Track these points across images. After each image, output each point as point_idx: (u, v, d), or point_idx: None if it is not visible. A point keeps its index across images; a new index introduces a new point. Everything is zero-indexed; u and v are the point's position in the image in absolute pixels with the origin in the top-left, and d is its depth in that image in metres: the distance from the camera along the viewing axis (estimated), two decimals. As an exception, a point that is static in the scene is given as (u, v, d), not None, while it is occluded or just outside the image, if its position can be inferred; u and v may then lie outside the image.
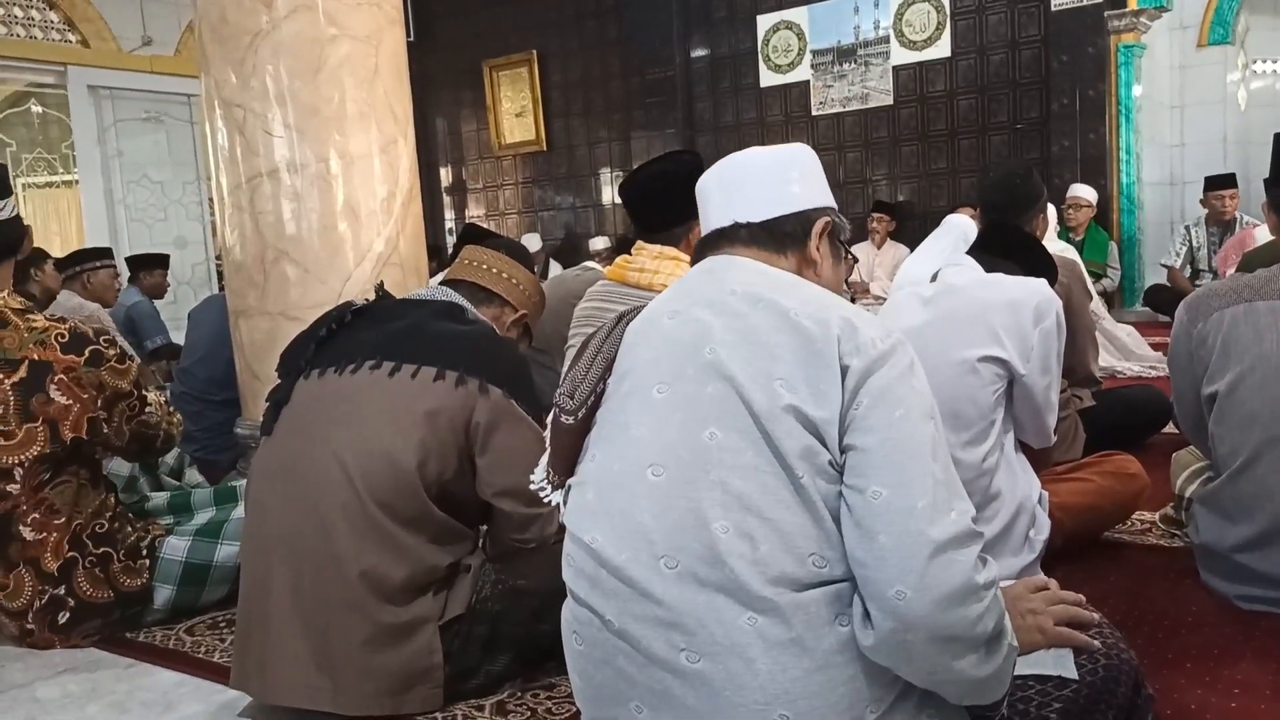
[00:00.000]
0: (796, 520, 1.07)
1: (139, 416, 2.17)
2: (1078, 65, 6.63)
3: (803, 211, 1.31)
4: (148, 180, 7.78)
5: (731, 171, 1.34)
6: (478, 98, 9.26)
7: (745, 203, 1.31)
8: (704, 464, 1.10)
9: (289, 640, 1.61)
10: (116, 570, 2.11)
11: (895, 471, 1.06)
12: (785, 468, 1.08)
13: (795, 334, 1.12)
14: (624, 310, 1.33)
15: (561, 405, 1.24)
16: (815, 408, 1.08)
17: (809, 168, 1.34)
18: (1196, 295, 2.04)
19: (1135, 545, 2.35)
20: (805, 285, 1.22)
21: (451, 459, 1.68)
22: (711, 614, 1.07)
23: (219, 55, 2.99)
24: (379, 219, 3.07)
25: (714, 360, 1.14)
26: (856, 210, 7.34)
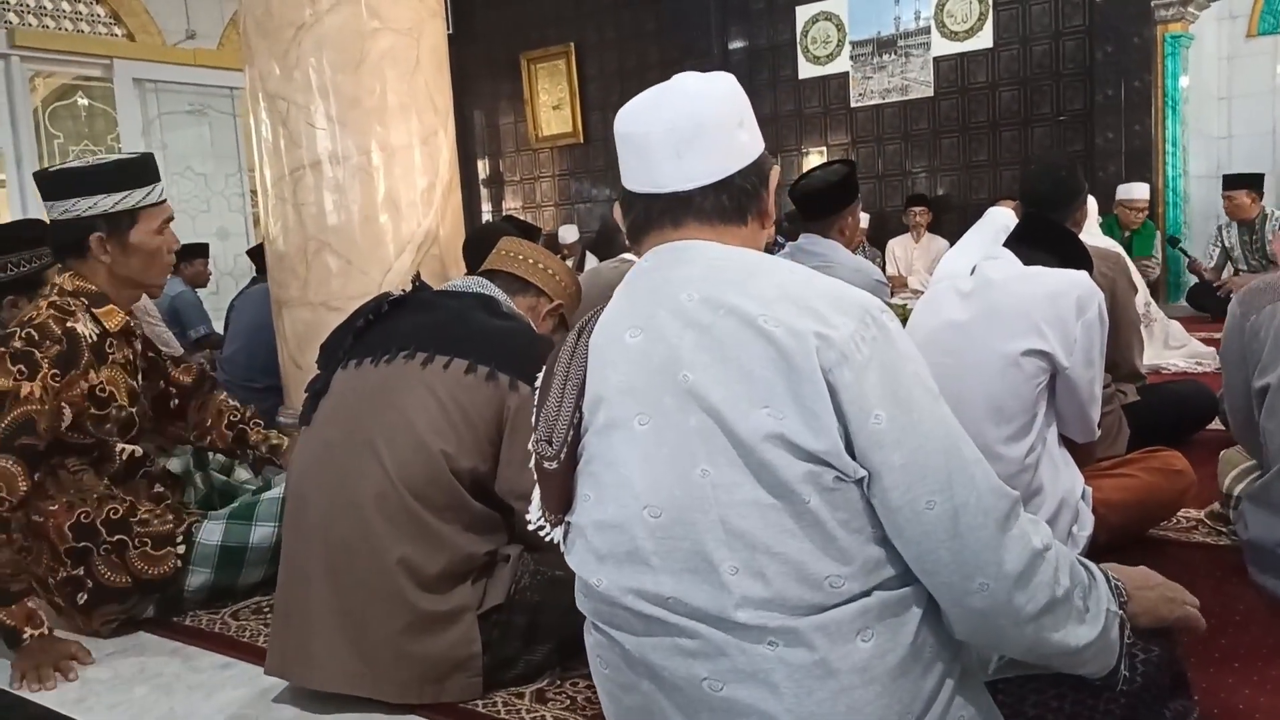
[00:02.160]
0: (805, 547, 1.03)
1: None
2: (1123, 56, 6.52)
3: (756, 160, 1.16)
4: (191, 172, 7.89)
5: (684, 125, 1.14)
6: (515, 90, 9.29)
7: (696, 163, 1.13)
8: (701, 503, 1.05)
9: (329, 627, 1.64)
10: (134, 557, 2.11)
11: (937, 477, 1.02)
12: (785, 495, 1.02)
13: (768, 347, 1.03)
14: (581, 322, 1.22)
15: (541, 453, 1.17)
16: (810, 437, 1.01)
17: (744, 102, 1.18)
18: (1249, 288, 2.00)
19: (1181, 543, 2.32)
20: (764, 272, 1.10)
21: (487, 451, 1.70)
22: (728, 643, 1.05)
23: (263, 48, 3.03)
24: (419, 210, 3.10)
25: (691, 388, 1.06)
26: (895, 203, 7.29)
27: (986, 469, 1.06)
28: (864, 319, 1.04)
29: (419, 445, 1.65)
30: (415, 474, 1.64)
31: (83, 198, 2.09)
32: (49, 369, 1.99)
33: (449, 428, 1.67)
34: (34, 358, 1.98)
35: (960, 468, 1.04)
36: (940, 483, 1.02)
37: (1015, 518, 1.06)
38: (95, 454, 2.13)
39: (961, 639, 1.11)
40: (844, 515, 1.04)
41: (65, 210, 2.10)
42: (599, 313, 1.21)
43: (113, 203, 2.10)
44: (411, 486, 1.64)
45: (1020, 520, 1.06)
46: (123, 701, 1.84)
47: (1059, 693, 1.24)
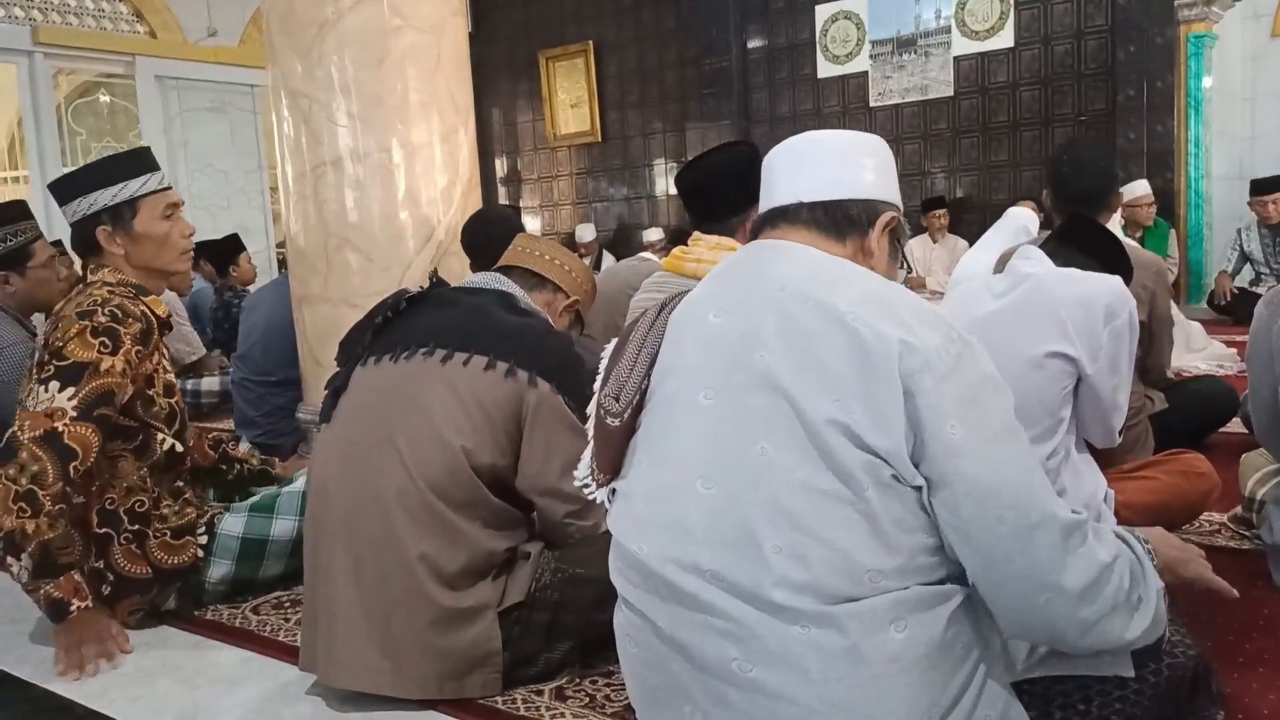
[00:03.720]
0: (853, 537, 1.04)
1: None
2: (1146, 56, 6.48)
3: (871, 200, 1.24)
4: (212, 169, 7.94)
5: (804, 148, 1.27)
6: (533, 88, 9.30)
7: (812, 181, 1.23)
8: (754, 480, 1.07)
9: (351, 624, 1.64)
10: (154, 547, 2.13)
11: (1013, 493, 1.04)
12: (844, 481, 1.04)
13: (850, 342, 1.05)
14: (665, 299, 1.28)
15: (607, 407, 1.20)
16: (876, 434, 1.03)
17: (884, 160, 1.28)
18: (1276, 291, 1.98)
19: (1204, 546, 2.27)
20: (859, 278, 1.15)
21: (506, 447, 1.70)
22: (763, 625, 1.05)
23: (286, 46, 3.05)
24: (439, 207, 3.11)
25: (764, 369, 1.09)
26: (914, 204, 7.25)
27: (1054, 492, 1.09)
28: (950, 335, 1.08)
29: (439, 441, 1.66)
30: (435, 470, 1.65)
31: (84, 196, 2.16)
32: (132, 345, 2.05)
33: (468, 424, 1.67)
34: (118, 333, 2.03)
35: (1032, 489, 1.06)
36: (1013, 500, 1.04)
37: (1084, 536, 1.08)
38: (139, 440, 2.14)
39: (1011, 637, 1.13)
40: (898, 514, 1.05)
41: (74, 212, 2.17)
42: (684, 294, 1.25)
43: (111, 195, 2.15)
44: (432, 483, 1.64)
45: (1089, 538, 1.08)
46: (144, 694, 1.85)
47: (1085, 696, 1.24)
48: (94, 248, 2.18)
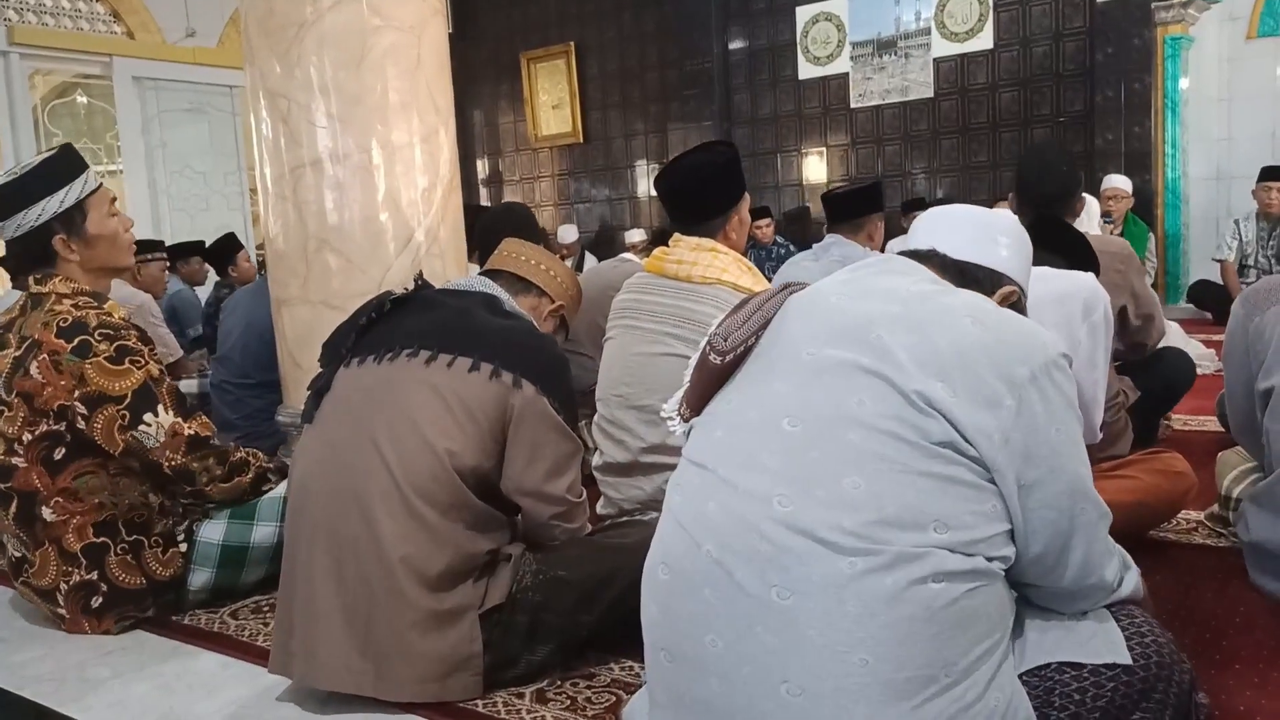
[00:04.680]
0: (928, 492, 1.10)
1: (132, 430, 2.04)
2: (1123, 57, 6.53)
3: (998, 271, 1.35)
4: (190, 170, 7.89)
5: (951, 213, 1.42)
6: (515, 90, 9.29)
7: (951, 238, 1.36)
8: (845, 424, 1.13)
9: (332, 626, 1.63)
10: (148, 557, 2.13)
11: (1084, 490, 1.18)
12: (928, 451, 1.10)
13: (969, 337, 1.14)
14: (787, 281, 1.37)
15: (715, 345, 1.27)
16: (976, 418, 1.10)
17: (1021, 246, 1.41)
18: (1254, 289, 2.01)
19: (1182, 544, 2.31)
20: (977, 296, 1.25)
21: (490, 449, 1.70)
22: (812, 554, 1.08)
23: (264, 46, 3.02)
24: (420, 209, 3.09)
25: (878, 344, 1.15)
26: (894, 204, 7.28)
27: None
28: (1058, 347, 1.18)
29: (422, 443, 1.65)
30: (418, 472, 1.64)
31: (29, 208, 2.08)
32: (146, 348, 2.10)
33: (453, 425, 1.67)
34: (130, 346, 2.07)
35: (1091, 487, 1.20)
36: (1088, 495, 1.19)
37: (1113, 554, 1.28)
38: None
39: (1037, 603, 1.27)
40: (979, 493, 1.12)
41: (20, 225, 2.09)
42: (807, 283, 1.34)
43: (58, 202, 2.10)
44: (415, 484, 1.63)
45: (1115, 555, 1.29)
46: (122, 700, 1.83)
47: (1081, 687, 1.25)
48: (45, 258, 2.12)
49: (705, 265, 2.32)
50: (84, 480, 2.08)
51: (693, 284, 2.32)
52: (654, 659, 1.23)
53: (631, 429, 2.39)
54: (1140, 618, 1.31)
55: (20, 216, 2.08)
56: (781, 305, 1.29)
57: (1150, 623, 1.31)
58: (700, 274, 2.32)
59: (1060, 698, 1.22)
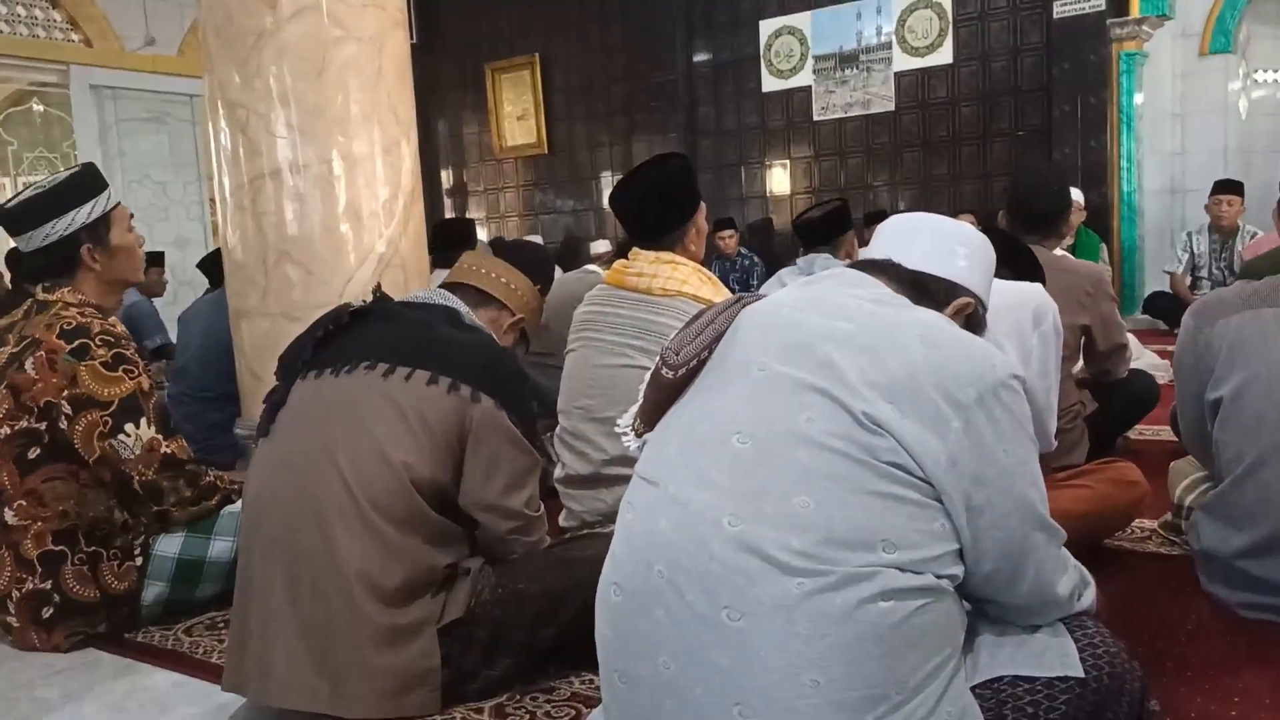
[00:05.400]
0: (877, 511, 1.09)
1: (111, 438, 2.06)
2: (1080, 73, 6.65)
3: (955, 283, 1.34)
4: (149, 180, 7.79)
5: (912, 223, 1.41)
6: (479, 100, 9.27)
7: (907, 249, 1.35)
8: (794, 442, 1.12)
9: (287, 642, 1.61)
10: (104, 570, 2.11)
11: (1034, 510, 1.18)
12: (876, 470, 1.10)
13: (919, 357, 1.13)
14: (743, 294, 1.37)
15: (666, 359, 1.26)
16: (923, 447, 1.10)
17: (981, 256, 1.40)
18: (1204, 301, 2.04)
19: (1136, 553, 2.35)
20: (931, 313, 1.26)
21: (446, 463, 1.69)
22: (762, 574, 1.08)
23: (223, 55, 3.00)
24: (381, 220, 3.08)
25: (829, 360, 1.14)
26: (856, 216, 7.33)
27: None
28: (1008, 368, 1.17)
29: (380, 456, 1.64)
30: (375, 485, 1.63)
31: (59, 218, 2.16)
32: (141, 360, 2.15)
33: (410, 439, 1.66)
34: (127, 356, 2.12)
35: (1045, 503, 1.21)
36: (1038, 518, 1.19)
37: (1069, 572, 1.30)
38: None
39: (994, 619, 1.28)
40: (927, 512, 1.11)
41: (48, 235, 2.16)
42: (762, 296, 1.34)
43: (86, 214, 2.19)
44: (371, 498, 1.62)
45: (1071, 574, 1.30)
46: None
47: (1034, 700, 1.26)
48: (68, 269, 2.19)
49: (665, 277, 2.33)
50: (52, 485, 2.07)
51: (653, 296, 2.32)
52: (608, 680, 1.23)
53: (593, 441, 2.39)
54: (1093, 628, 1.31)
55: (50, 226, 2.16)
56: (734, 319, 1.28)
57: (1103, 633, 1.32)
58: (660, 286, 2.33)
59: (1013, 711, 1.22)
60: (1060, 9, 6.63)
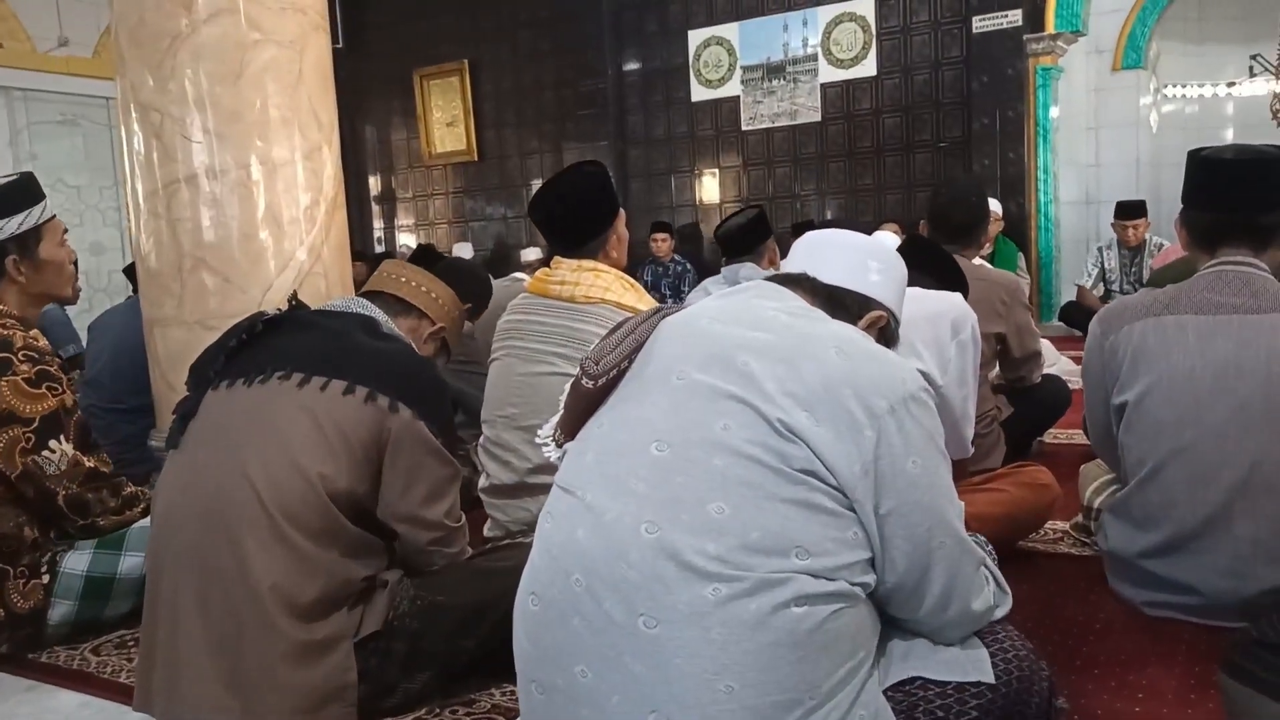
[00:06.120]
0: (791, 518, 1.10)
1: (33, 455, 2.03)
2: (998, 86, 6.82)
3: (868, 297, 1.38)
4: (63, 184, 7.55)
5: (827, 238, 1.45)
6: (408, 106, 9.18)
7: (823, 264, 1.38)
8: (711, 449, 1.13)
9: (197, 659, 1.57)
10: (9, 589, 2.04)
11: (947, 521, 1.20)
12: (790, 477, 1.11)
13: (833, 368, 1.15)
14: (663, 305, 1.38)
15: (586, 369, 1.26)
16: (837, 455, 1.11)
17: (894, 271, 1.43)
18: (1109, 309, 2.10)
19: (1048, 554, 2.41)
20: (847, 327, 1.28)
21: (364, 474, 1.66)
22: (678, 581, 1.08)
23: (136, 58, 2.92)
24: (302, 227, 3.02)
25: (746, 370, 1.16)
26: (784, 225, 7.44)
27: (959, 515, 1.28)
28: (919, 382, 1.20)
29: (294, 468, 1.60)
30: (289, 497, 1.59)
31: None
32: (64, 375, 2.11)
33: (326, 449, 1.62)
34: (51, 373, 2.09)
35: (960, 516, 1.23)
36: (948, 528, 1.20)
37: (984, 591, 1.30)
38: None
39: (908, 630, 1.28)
40: (840, 520, 1.13)
41: None
42: (683, 307, 1.36)
43: (17, 224, 2.16)
44: (285, 510, 1.58)
45: (986, 590, 1.30)
46: (-30, 745, 1.73)
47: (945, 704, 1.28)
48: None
49: (588, 285, 2.32)
50: None
51: (576, 304, 2.32)
52: (526, 691, 1.22)
53: (518, 450, 2.38)
54: (1003, 633, 1.34)
55: None
56: (654, 329, 1.29)
57: (1013, 636, 1.35)
58: (584, 294, 2.32)
59: (925, 714, 1.24)
60: (979, 24, 6.80)
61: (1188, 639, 1.87)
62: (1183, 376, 1.88)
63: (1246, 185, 1.93)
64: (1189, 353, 1.88)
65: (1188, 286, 1.96)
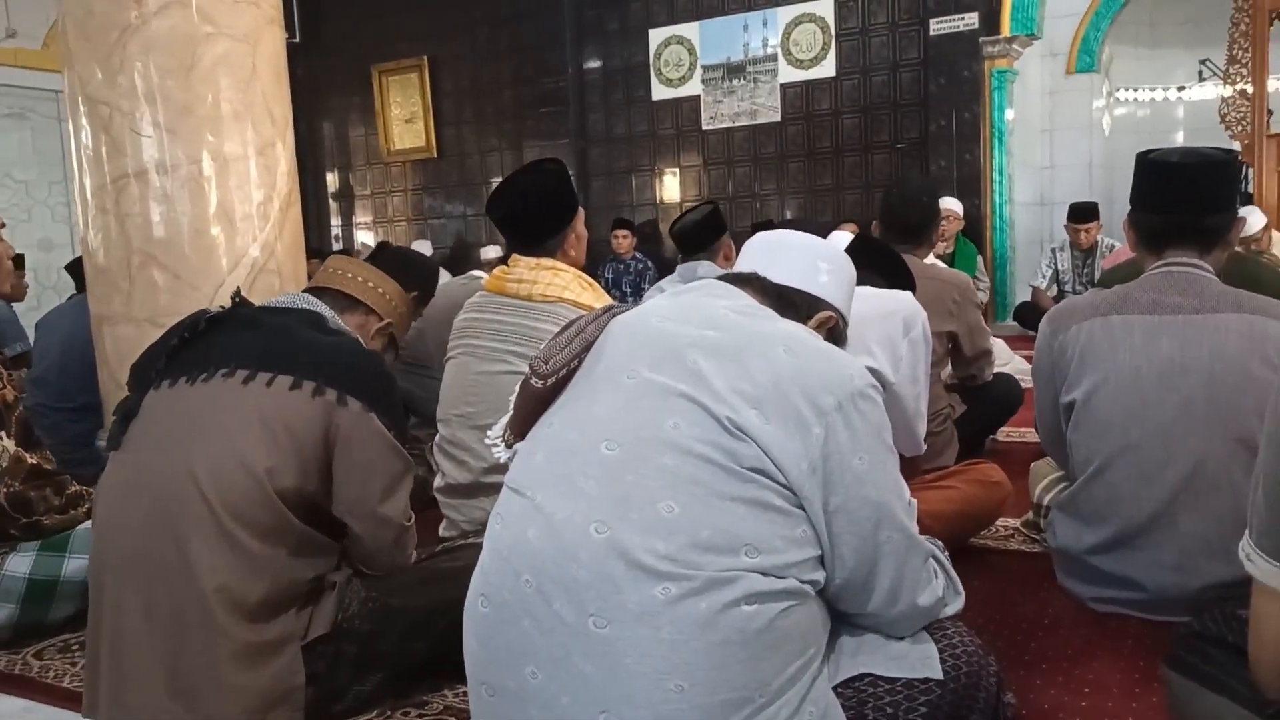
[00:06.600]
0: (740, 516, 1.11)
1: None
2: (954, 88, 6.90)
3: (817, 297, 1.40)
4: (11, 180, 7.40)
5: (778, 239, 1.47)
6: (366, 103, 9.10)
7: (773, 264, 1.40)
8: (661, 448, 1.13)
9: (141, 663, 1.54)
10: None
11: (897, 517, 1.20)
12: (739, 476, 1.12)
13: (782, 365, 1.16)
14: (614, 304, 1.38)
15: (535, 369, 1.25)
16: (785, 452, 1.12)
17: (843, 273, 1.46)
18: (1058, 308, 2.13)
19: (999, 551, 2.44)
20: (794, 324, 1.29)
21: (311, 471, 1.63)
22: (628, 580, 1.08)
23: (84, 50, 2.87)
24: (255, 224, 2.98)
25: (695, 369, 1.16)
26: (744, 224, 7.47)
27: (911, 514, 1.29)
28: (866, 379, 1.21)
29: (240, 465, 1.57)
30: (236, 495, 1.56)
31: None
32: (5, 371, 2.10)
33: (273, 447, 1.60)
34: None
35: (908, 511, 1.24)
36: (895, 523, 1.21)
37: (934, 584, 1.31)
38: None
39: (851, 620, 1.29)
40: (789, 518, 1.14)
41: None
42: (632, 305, 1.36)
43: None
44: (231, 508, 1.55)
45: (936, 582, 1.31)
46: (-94, 753, 1.69)
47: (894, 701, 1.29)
48: None
49: (545, 284, 2.32)
50: None
51: (533, 302, 2.31)
52: (476, 693, 1.22)
53: (473, 449, 2.36)
54: (952, 629, 1.36)
55: None
56: (605, 327, 1.29)
57: (961, 633, 1.37)
58: (541, 292, 2.32)
59: (874, 711, 1.25)
60: (936, 26, 6.87)
61: (1134, 633, 1.90)
62: (1129, 376, 1.91)
63: (1192, 188, 1.97)
64: (1135, 352, 1.91)
65: (1134, 287, 1.99)
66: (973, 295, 3.02)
